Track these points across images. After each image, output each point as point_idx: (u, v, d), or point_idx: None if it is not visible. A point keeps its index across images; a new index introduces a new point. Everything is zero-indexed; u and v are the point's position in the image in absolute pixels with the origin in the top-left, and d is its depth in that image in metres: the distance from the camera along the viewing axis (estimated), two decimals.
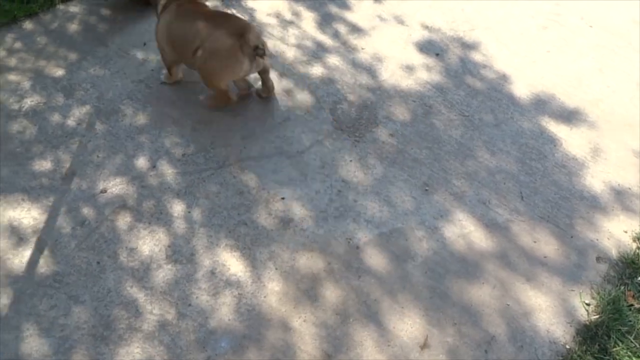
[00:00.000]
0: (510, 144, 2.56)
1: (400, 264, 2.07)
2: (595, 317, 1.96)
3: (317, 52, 2.93)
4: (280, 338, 1.83)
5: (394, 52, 2.99)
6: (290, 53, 2.90)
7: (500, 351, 1.85)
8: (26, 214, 2.07)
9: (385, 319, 1.90)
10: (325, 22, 3.14)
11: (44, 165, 2.23)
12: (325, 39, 3.03)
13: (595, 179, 2.45)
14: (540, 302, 1.99)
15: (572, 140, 2.61)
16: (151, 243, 2.04)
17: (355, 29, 3.12)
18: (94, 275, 1.93)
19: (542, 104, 2.78)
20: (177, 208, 2.17)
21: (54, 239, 2.01)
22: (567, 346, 1.88)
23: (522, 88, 2.86)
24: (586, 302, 2.01)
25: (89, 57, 2.71)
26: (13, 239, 1.99)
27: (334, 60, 2.89)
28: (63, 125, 2.39)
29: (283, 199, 2.24)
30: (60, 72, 2.61)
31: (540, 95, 2.83)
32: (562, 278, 2.07)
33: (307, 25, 3.09)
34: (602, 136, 2.64)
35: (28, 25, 2.82)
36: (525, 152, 2.53)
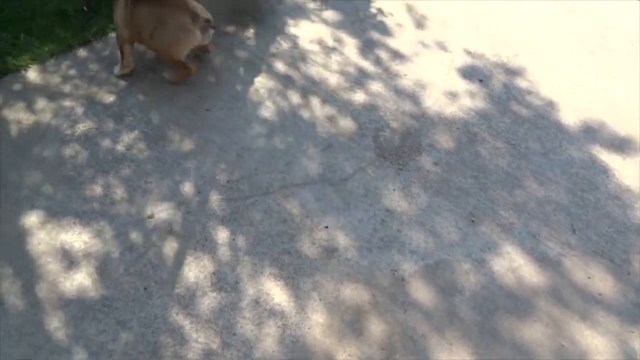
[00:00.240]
0: (559, 174, 2.49)
1: (447, 298, 2.02)
2: None
3: (360, 78, 2.94)
4: None
5: (437, 79, 2.97)
6: (333, 79, 2.91)
7: None
8: (77, 238, 2.12)
9: (434, 356, 1.85)
10: (367, 48, 3.15)
11: (95, 189, 2.29)
12: (367, 65, 3.03)
13: None
14: (597, 343, 1.90)
15: (625, 171, 2.52)
16: (196, 270, 2.06)
17: (397, 55, 3.12)
18: (141, 300, 1.95)
19: (592, 132, 2.70)
20: (222, 235, 2.18)
21: (104, 263, 2.05)
22: None
23: (570, 115, 2.79)
24: None
25: (138, 84, 2.79)
26: (65, 262, 2.04)
27: (376, 86, 2.89)
28: (113, 150, 2.45)
29: (326, 227, 2.23)
30: (111, 98, 2.69)
31: (590, 122, 2.75)
32: (619, 317, 1.98)
33: (349, 52, 3.11)
34: None
35: (82, 52, 2.93)
36: (576, 182, 2.45)
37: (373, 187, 2.39)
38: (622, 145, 2.65)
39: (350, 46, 3.14)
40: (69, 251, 2.07)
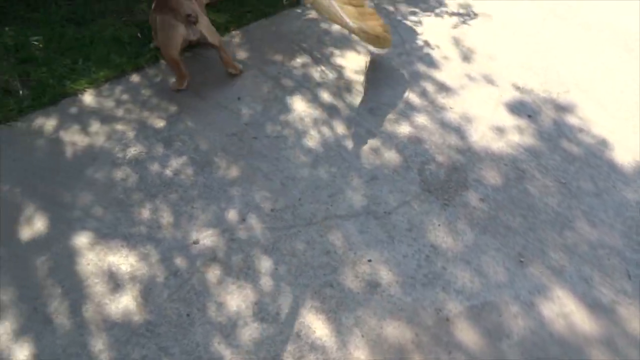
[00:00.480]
0: (613, 216, 2.39)
1: (494, 342, 1.94)
2: None
3: (405, 110, 2.93)
4: None
5: (484, 113, 2.93)
6: (378, 111, 2.91)
7: None
8: (124, 260, 2.15)
9: None
10: (412, 80, 3.15)
11: (143, 213, 2.33)
12: (412, 97, 3.02)
13: None
14: None
15: None
16: (239, 299, 2.06)
17: (444, 87, 3.10)
18: (183, 327, 1.96)
19: None
20: (265, 264, 2.18)
21: (148, 287, 2.07)
22: None
23: (624, 155, 2.70)
24: None
25: (187, 110, 2.86)
26: (111, 284, 2.08)
27: (421, 119, 2.88)
28: (161, 174, 2.51)
29: (370, 261, 2.20)
30: (161, 124, 2.76)
31: None
32: None
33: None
34: None
35: (135, 78, 3.04)
36: (631, 226, 2.35)
37: (418, 221, 2.36)
38: None
39: (396, 78, 3.14)
40: (115, 273, 2.11)
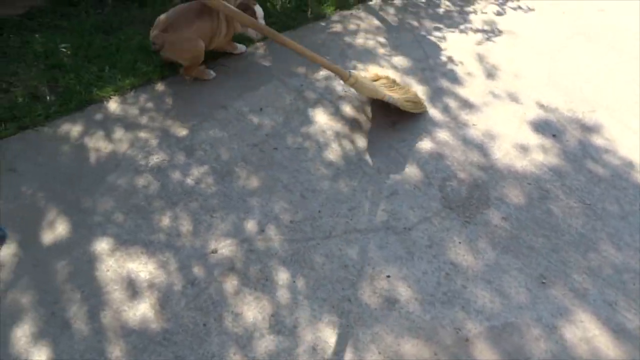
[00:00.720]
0: (639, 240, 2.34)
1: None
2: None
3: (427, 126, 2.92)
4: None
5: (508, 131, 2.90)
6: (400, 126, 2.90)
7: None
8: (143, 268, 2.16)
9: None
10: (435, 95, 3.13)
11: (163, 220, 2.34)
12: (435, 112, 3.01)
13: None
14: None
15: None
16: (255, 310, 2.05)
17: (467, 104, 3.08)
18: (200, 337, 1.95)
19: None
20: (283, 276, 2.17)
21: (166, 295, 2.07)
22: None
23: None
24: None
25: (210, 120, 2.88)
26: (129, 291, 2.08)
27: (444, 135, 2.86)
28: (183, 183, 2.52)
29: (388, 277, 2.18)
30: (184, 132, 2.79)
31: None
32: None
33: None
34: None
35: (160, 86, 3.08)
36: None
37: (438, 238, 2.33)
38: None
39: (419, 93, 3.13)
40: (134, 280, 2.12)
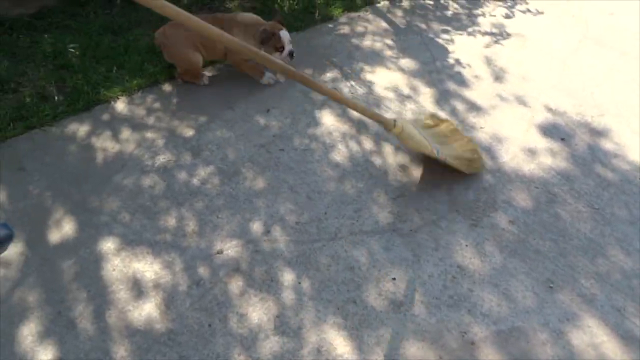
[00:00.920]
0: None
1: None
2: None
3: None
4: None
5: (515, 134, 2.88)
6: None
7: None
8: (149, 268, 2.16)
9: None
10: (443, 98, 3.12)
11: (169, 221, 2.35)
12: (442, 115, 2.99)
13: None
14: None
15: None
16: (260, 311, 2.04)
17: (474, 107, 3.06)
18: (204, 337, 1.94)
19: None
20: (288, 277, 2.16)
21: (171, 295, 2.07)
22: None
23: None
24: None
25: (217, 120, 2.88)
26: (135, 291, 2.08)
27: None
28: (188, 183, 2.52)
29: (394, 279, 2.17)
30: (190, 133, 2.79)
31: None
32: None
33: (424, 101, 3.09)
34: None
35: (167, 87, 3.08)
36: None
37: (444, 241, 2.31)
38: None
39: (426, 95, 3.12)
40: (140, 280, 2.12)
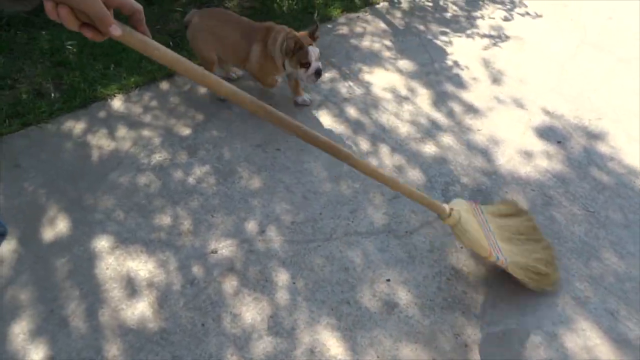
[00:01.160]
0: None
1: None
2: None
3: (431, 129, 2.90)
4: None
5: (512, 136, 2.88)
6: (404, 129, 2.89)
7: None
8: (143, 266, 2.16)
9: None
10: (440, 100, 3.12)
11: (164, 219, 2.34)
12: (439, 117, 3.00)
13: None
14: None
15: None
16: (254, 311, 2.04)
17: (472, 109, 3.06)
18: (197, 337, 1.94)
19: None
20: (282, 277, 2.16)
21: (165, 294, 2.07)
22: None
23: None
24: None
25: (214, 119, 2.88)
26: (128, 289, 2.08)
27: (447, 139, 2.84)
28: (184, 182, 2.52)
29: (388, 280, 2.16)
30: (187, 131, 2.79)
31: None
32: None
33: (422, 102, 3.09)
34: None
35: (164, 85, 3.08)
36: None
37: (440, 243, 2.31)
38: None
39: (424, 97, 3.12)
40: (133, 279, 2.11)
